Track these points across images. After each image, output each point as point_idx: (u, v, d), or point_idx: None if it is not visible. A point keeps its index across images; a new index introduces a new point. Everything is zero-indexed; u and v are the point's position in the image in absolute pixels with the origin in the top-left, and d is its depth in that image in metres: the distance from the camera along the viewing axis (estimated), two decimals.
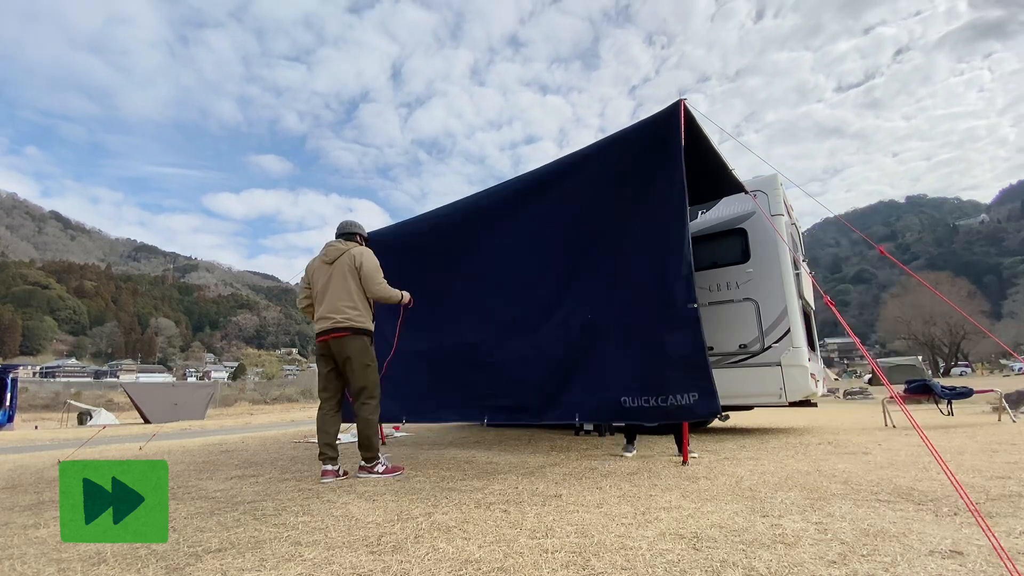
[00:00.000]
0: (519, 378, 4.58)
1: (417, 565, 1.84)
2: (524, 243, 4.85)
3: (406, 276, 6.03)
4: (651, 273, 3.92)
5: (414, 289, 5.00)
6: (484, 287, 5.09)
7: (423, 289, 5.83)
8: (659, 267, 3.87)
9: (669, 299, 3.73)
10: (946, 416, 7.46)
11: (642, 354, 3.86)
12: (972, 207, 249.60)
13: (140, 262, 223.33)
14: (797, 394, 5.37)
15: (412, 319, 5.68)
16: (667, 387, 3.67)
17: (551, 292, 4.54)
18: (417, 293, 4.97)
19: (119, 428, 16.08)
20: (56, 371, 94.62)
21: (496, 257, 5.06)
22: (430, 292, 5.72)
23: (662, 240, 3.86)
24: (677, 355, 3.67)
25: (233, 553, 2.06)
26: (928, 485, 2.88)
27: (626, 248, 4.10)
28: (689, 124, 4.05)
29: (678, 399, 3.61)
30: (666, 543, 1.97)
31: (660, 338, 3.77)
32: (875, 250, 6.42)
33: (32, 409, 36.83)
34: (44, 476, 4.66)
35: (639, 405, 3.79)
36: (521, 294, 4.74)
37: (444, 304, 5.47)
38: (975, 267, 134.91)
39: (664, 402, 3.68)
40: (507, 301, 4.84)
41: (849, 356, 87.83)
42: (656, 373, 3.76)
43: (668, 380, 3.67)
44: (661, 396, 3.67)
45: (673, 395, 3.62)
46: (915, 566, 1.66)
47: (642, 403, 3.78)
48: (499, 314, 4.88)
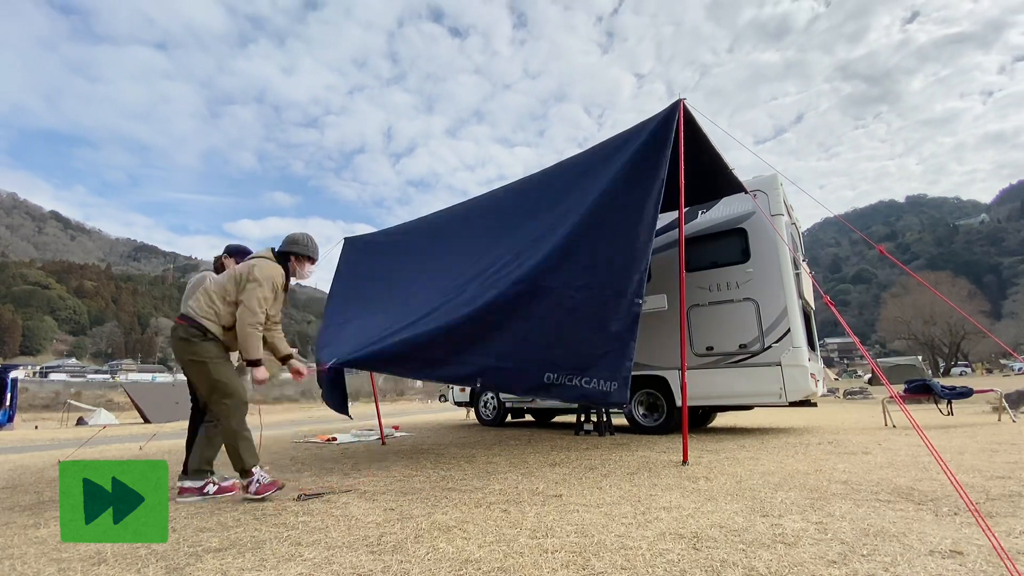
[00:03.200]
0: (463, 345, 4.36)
1: (417, 565, 1.83)
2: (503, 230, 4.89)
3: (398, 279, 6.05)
4: (610, 265, 3.99)
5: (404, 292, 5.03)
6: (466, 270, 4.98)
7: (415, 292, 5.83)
8: (623, 258, 3.93)
9: (623, 290, 3.82)
10: (946, 416, 7.46)
11: (580, 336, 3.95)
12: (972, 207, 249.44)
13: (140, 262, 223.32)
14: (797, 394, 5.36)
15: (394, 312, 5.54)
16: (593, 371, 3.79)
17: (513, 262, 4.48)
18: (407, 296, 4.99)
19: (119, 428, 16.08)
20: (56, 371, 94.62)
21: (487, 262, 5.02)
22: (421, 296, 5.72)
23: (632, 234, 3.92)
24: (612, 344, 3.78)
25: (233, 553, 2.06)
26: (928, 485, 2.88)
27: (597, 235, 4.15)
28: (689, 124, 4.05)
29: (599, 384, 3.75)
30: (666, 543, 1.97)
31: (602, 325, 3.87)
32: (875, 250, 6.42)
33: (32, 409, 36.77)
34: (44, 476, 4.66)
35: (561, 383, 3.90)
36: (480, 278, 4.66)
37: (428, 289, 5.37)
38: (975, 267, 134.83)
39: (587, 384, 3.80)
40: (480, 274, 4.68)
41: (849, 356, 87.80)
42: (586, 356, 3.87)
43: (596, 364, 3.80)
44: (585, 378, 3.80)
45: (596, 380, 3.76)
46: (915, 566, 1.66)
47: (564, 381, 3.89)
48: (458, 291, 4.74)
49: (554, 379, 3.90)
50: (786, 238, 5.67)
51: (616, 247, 3.96)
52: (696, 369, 5.70)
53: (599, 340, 3.86)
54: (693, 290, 5.89)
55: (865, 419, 8.08)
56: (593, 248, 4.08)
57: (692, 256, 5.89)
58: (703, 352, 5.78)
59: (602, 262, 4.00)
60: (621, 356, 3.71)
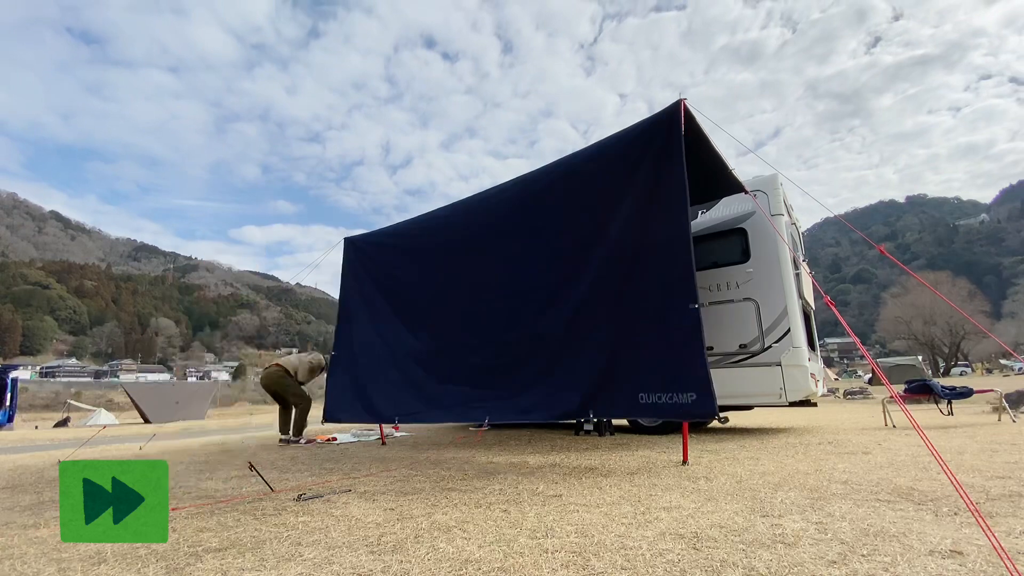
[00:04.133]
0: (523, 376, 4.56)
1: (417, 565, 1.83)
2: (523, 244, 4.84)
3: (401, 278, 6.05)
4: (653, 272, 3.90)
5: (408, 290, 5.04)
6: (482, 289, 5.08)
7: (418, 291, 5.84)
8: (661, 266, 3.84)
9: (673, 297, 3.71)
10: (946, 416, 7.45)
11: (651, 351, 3.83)
12: (972, 207, 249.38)
13: (140, 262, 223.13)
14: (797, 394, 5.36)
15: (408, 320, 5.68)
16: (672, 385, 3.64)
17: (551, 293, 4.53)
18: (411, 295, 4.99)
19: (119, 428, 16.07)
20: (56, 371, 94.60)
21: (495, 259, 5.05)
22: (425, 295, 5.73)
23: (665, 239, 3.85)
24: (677, 354, 3.64)
25: (233, 553, 2.06)
26: (928, 485, 2.88)
27: (628, 247, 4.09)
28: (689, 124, 4.04)
29: (679, 397, 3.59)
30: (666, 543, 1.97)
31: (665, 336, 3.74)
32: (875, 250, 6.41)
33: (32, 409, 36.82)
34: (44, 476, 4.66)
35: (653, 402, 3.78)
36: (522, 295, 4.72)
37: (440, 307, 5.46)
38: (975, 267, 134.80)
39: (660, 400, 3.68)
40: (507, 303, 4.82)
41: (849, 356, 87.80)
42: (655, 371, 3.74)
43: (674, 378, 3.64)
44: (669, 394, 3.66)
45: (677, 393, 3.60)
46: (915, 566, 1.66)
47: (655, 400, 3.77)
48: (498, 316, 4.87)
49: (646, 399, 3.77)
50: (786, 238, 5.67)
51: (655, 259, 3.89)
52: None
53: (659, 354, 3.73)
54: None
55: (865, 419, 8.08)
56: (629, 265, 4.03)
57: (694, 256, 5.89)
58: None
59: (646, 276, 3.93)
60: (693, 367, 3.54)
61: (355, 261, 6.52)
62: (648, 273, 3.93)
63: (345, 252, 6.63)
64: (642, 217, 4.04)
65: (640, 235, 4.02)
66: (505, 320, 4.79)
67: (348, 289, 6.49)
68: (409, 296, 5.83)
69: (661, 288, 3.80)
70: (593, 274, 4.28)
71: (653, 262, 3.92)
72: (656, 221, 3.94)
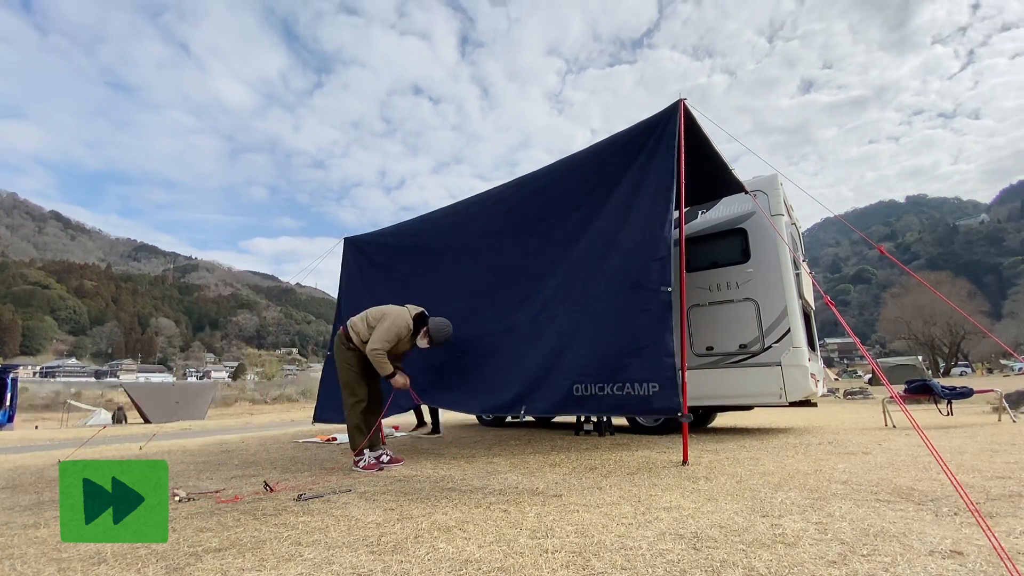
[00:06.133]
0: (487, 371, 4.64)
1: (417, 565, 1.83)
2: (517, 243, 4.87)
3: (400, 278, 6.08)
4: (627, 258, 3.70)
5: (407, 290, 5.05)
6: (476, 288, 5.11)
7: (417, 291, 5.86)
8: (637, 251, 3.64)
9: (642, 280, 3.45)
10: (946, 416, 7.46)
11: (604, 338, 3.56)
12: (972, 207, 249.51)
13: (140, 262, 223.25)
14: (797, 394, 5.36)
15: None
16: (624, 375, 3.36)
17: (529, 289, 4.54)
18: (410, 295, 5.00)
19: (119, 428, 16.08)
20: (56, 371, 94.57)
21: (489, 258, 5.08)
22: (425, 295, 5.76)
23: (645, 224, 3.74)
24: (641, 340, 3.34)
25: (233, 553, 2.06)
26: (928, 485, 2.88)
27: (607, 235, 4.08)
28: (689, 124, 4.04)
29: (636, 389, 3.31)
30: (666, 543, 1.97)
31: (626, 321, 3.47)
32: (875, 250, 6.42)
33: (32, 409, 36.76)
34: (44, 476, 4.66)
35: (592, 393, 3.48)
36: (507, 293, 4.75)
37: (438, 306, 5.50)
38: (975, 267, 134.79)
39: (620, 391, 3.38)
40: (494, 301, 4.86)
41: (849, 356, 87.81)
42: (614, 359, 3.45)
43: (627, 367, 3.35)
44: (617, 384, 3.38)
45: (631, 384, 3.33)
46: (915, 566, 1.66)
47: (596, 391, 3.47)
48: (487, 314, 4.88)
49: (582, 390, 3.52)
50: (786, 238, 5.66)
51: (630, 243, 3.77)
52: (696, 369, 5.70)
53: (622, 340, 3.44)
54: (693, 290, 5.89)
55: (865, 419, 8.08)
56: (605, 254, 3.99)
57: (692, 256, 5.89)
58: (703, 352, 5.78)
59: (617, 261, 3.82)
60: (656, 353, 3.24)
61: (354, 261, 6.52)
62: (621, 259, 3.77)
63: (344, 252, 6.63)
64: (626, 208, 4.00)
65: (621, 223, 3.98)
66: (492, 317, 4.82)
67: (347, 288, 6.50)
68: (408, 296, 5.84)
69: (634, 271, 3.58)
70: (568, 266, 4.25)
71: (628, 247, 3.78)
72: (639, 211, 3.88)
